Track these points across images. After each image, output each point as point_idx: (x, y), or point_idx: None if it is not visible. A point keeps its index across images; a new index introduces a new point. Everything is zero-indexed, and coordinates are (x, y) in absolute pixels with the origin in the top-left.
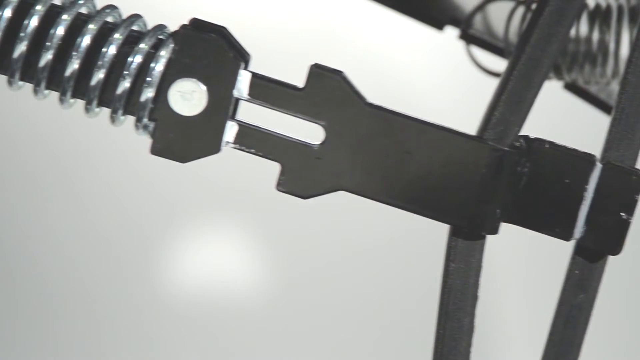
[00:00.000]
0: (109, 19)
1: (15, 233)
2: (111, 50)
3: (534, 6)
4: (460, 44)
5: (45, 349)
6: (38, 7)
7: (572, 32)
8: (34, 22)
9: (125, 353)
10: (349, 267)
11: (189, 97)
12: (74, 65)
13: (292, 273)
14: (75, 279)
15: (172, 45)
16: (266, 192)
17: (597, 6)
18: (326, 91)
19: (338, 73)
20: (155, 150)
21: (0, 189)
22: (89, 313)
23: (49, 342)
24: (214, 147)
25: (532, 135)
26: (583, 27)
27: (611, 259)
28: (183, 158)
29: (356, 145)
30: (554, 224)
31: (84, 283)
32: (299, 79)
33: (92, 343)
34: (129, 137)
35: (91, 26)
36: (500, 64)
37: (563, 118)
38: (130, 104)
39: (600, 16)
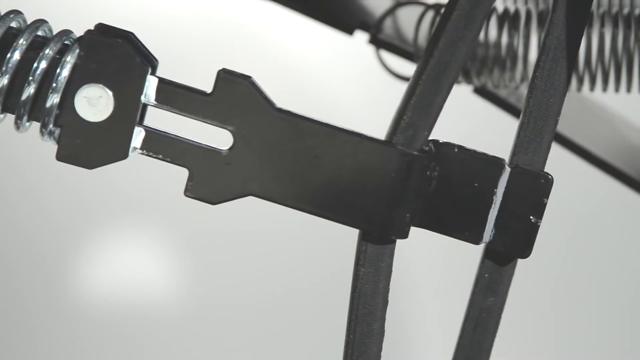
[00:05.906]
0: (13, 25)
1: None
2: (15, 56)
3: (442, 10)
4: (371, 49)
5: None
6: None
7: (481, 36)
8: None
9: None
10: (259, 271)
11: (95, 103)
12: None
13: (203, 275)
14: None
15: (77, 51)
16: (178, 197)
17: (506, 10)
18: (234, 96)
19: (246, 78)
20: (61, 157)
21: None
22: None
23: None
24: (121, 153)
25: (442, 139)
26: (492, 31)
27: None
28: (89, 164)
29: (265, 151)
30: (463, 227)
31: None
32: (209, 84)
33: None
34: (35, 143)
35: None
36: (410, 69)
37: (473, 122)
38: (35, 110)
39: (508, 20)
